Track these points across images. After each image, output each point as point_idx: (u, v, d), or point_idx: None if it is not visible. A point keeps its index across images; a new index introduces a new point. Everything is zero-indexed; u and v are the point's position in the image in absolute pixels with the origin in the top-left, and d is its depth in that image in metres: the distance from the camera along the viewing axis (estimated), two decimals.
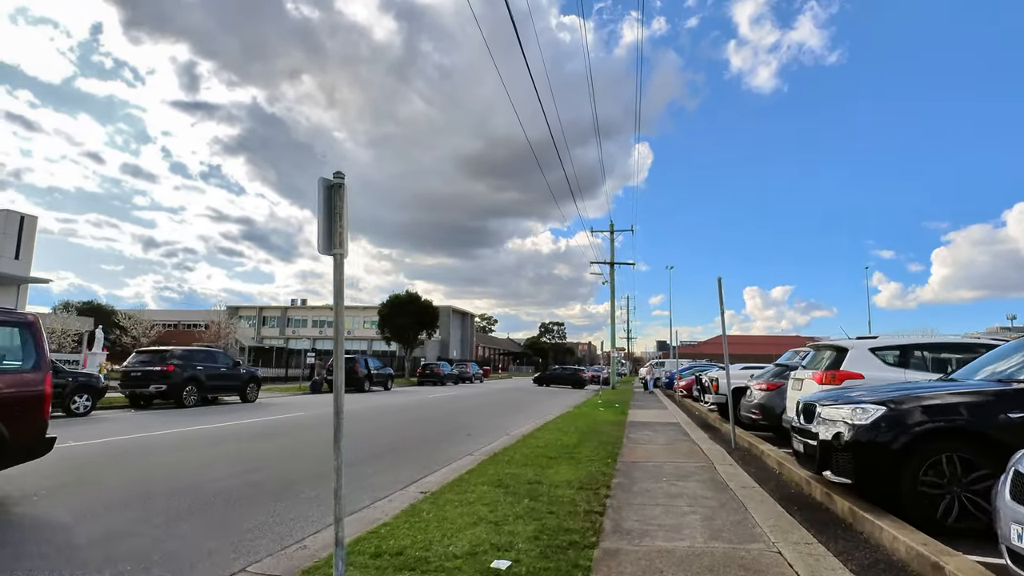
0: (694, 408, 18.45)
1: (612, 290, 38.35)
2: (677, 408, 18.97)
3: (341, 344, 3.40)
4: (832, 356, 7.31)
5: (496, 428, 13.28)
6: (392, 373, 31.95)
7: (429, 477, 7.28)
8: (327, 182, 3.38)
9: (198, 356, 17.95)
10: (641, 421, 13.90)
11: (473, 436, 11.80)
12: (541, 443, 9.58)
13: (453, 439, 11.22)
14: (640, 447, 9.17)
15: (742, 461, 7.85)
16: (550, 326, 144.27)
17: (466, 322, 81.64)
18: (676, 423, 13.56)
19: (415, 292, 42.64)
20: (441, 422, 14.46)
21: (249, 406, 17.93)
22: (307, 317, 77.98)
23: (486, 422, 14.70)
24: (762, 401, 9.71)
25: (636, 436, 10.69)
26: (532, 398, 26.40)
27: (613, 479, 6.53)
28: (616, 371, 40.17)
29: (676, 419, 14.67)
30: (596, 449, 8.80)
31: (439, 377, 38.63)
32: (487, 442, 10.68)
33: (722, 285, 9.15)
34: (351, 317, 74.14)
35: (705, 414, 15.23)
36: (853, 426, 4.58)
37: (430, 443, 10.53)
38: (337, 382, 3.34)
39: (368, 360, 29.27)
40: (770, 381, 9.78)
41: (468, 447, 10.05)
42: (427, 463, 8.44)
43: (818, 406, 5.07)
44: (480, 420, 15.19)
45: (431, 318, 42.69)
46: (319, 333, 75.81)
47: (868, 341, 7.15)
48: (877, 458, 4.40)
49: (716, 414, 13.56)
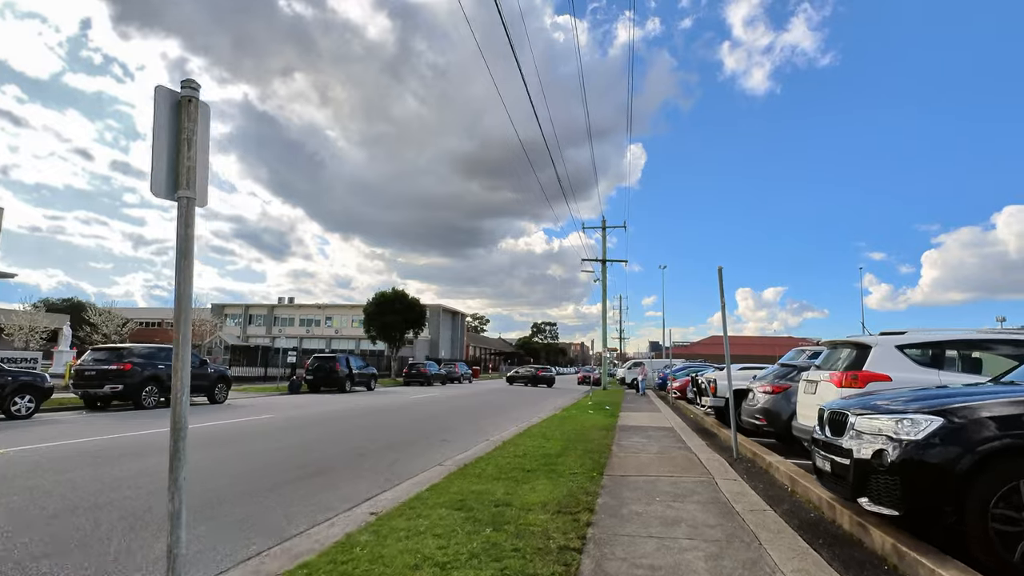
0: (688, 411, 17.48)
1: (604, 288, 37.36)
2: (671, 411, 17.99)
3: (186, 326, 2.34)
4: (852, 355, 6.33)
5: (477, 432, 12.25)
6: (375, 373, 30.83)
7: (386, 493, 6.24)
8: (171, 95, 2.32)
9: (161, 354, 16.78)
10: (632, 425, 12.90)
11: (450, 442, 10.77)
12: (520, 451, 8.56)
13: (427, 445, 10.19)
14: (631, 457, 8.16)
15: (747, 475, 6.85)
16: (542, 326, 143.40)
17: (456, 321, 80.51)
18: (670, 428, 12.57)
19: (402, 290, 41.55)
20: (418, 425, 13.41)
21: (216, 408, 16.80)
22: (294, 316, 76.61)
23: (467, 425, 13.67)
24: (767, 405, 8.72)
25: (627, 443, 9.68)
26: (520, 399, 25.38)
27: (598, 499, 5.51)
28: (608, 371, 39.21)
29: (670, 423, 13.67)
30: (581, 459, 7.79)
31: (425, 377, 37.52)
32: (463, 448, 9.67)
33: (722, 276, 8.16)
34: (338, 316, 72.89)
35: (701, 418, 14.25)
36: (900, 442, 3.58)
37: (400, 450, 9.49)
38: (177, 390, 2.27)
39: (350, 359, 28.14)
40: (775, 383, 8.79)
41: (442, 454, 9.03)
42: (390, 475, 7.42)
43: (850, 415, 4.07)
44: (461, 423, 14.15)
45: (418, 316, 41.56)
46: (306, 332, 74.53)
47: (894, 337, 6.17)
48: (933, 484, 3.41)
49: (713, 418, 12.58)
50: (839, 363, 6.50)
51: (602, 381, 37.02)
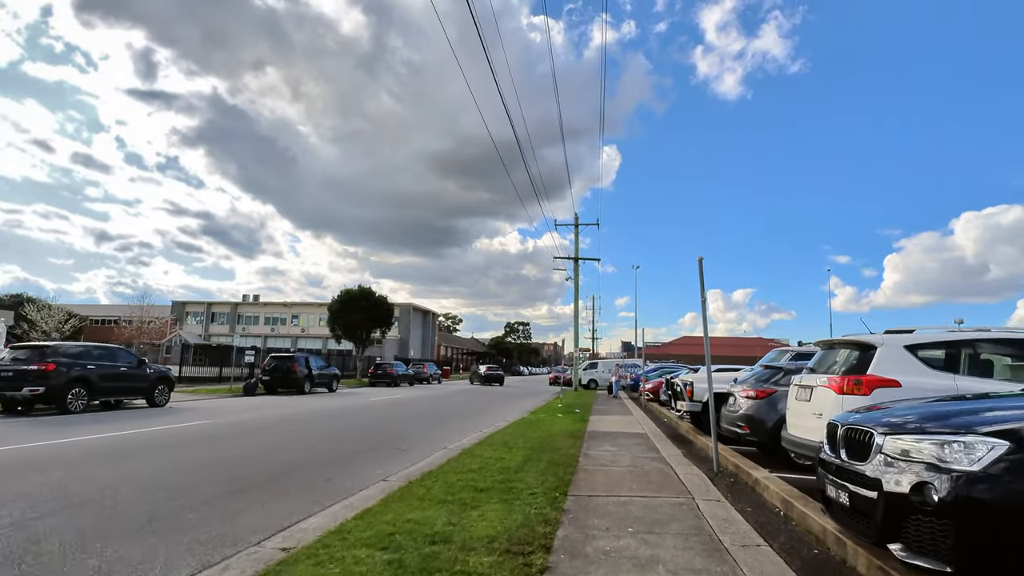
0: (662, 414, 16.71)
1: (576, 286, 36.61)
2: (643, 414, 17.21)
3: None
4: (853, 356, 5.52)
5: (435, 439, 11.23)
6: (338, 373, 29.51)
7: (310, 520, 5.20)
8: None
9: (92, 354, 15.33)
10: (603, 431, 12.02)
11: (403, 451, 9.74)
12: (477, 464, 7.58)
13: (375, 456, 9.13)
14: (599, 471, 7.23)
15: (731, 494, 5.97)
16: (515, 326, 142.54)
17: (428, 321, 79.08)
18: (643, 434, 11.72)
19: (369, 287, 40.07)
20: (373, 432, 12.31)
21: (152, 412, 15.42)
22: (259, 314, 74.27)
23: (427, 431, 12.62)
24: (750, 412, 7.90)
25: (596, 453, 8.77)
26: (487, 401, 24.39)
27: (558, 530, 4.56)
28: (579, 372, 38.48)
29: (643, 428, 12.84)
30: (543, 474, 6.84)
31: (392, 378, 36.25)
32: (416, 459, 8.65)
33: (703, 267, 7.30)
34: (306, 314, 70.84)
35: (675, 423, 13.46)
36: (951, 473, 2.71)
37: (343, 462, 8.42)
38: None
39: (309, 359, 26.79)
40: (759, 387, 7.98)
41: (389, 467, 8.01)
42: (322, 494, 6.37)
43: (876, 434, 3.19)
44: (421, 428, 13.10)
45: (385, 315, 40.17)
46: (271, 331, 72.36)
47: (902, 336, 5.36)
48: (1000, 533, 2.54)
49: (688, 423, 11.78)
50: (837, 366, 5.68)
51: (573, 382, 36.26)
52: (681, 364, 32.55)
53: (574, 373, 36.94)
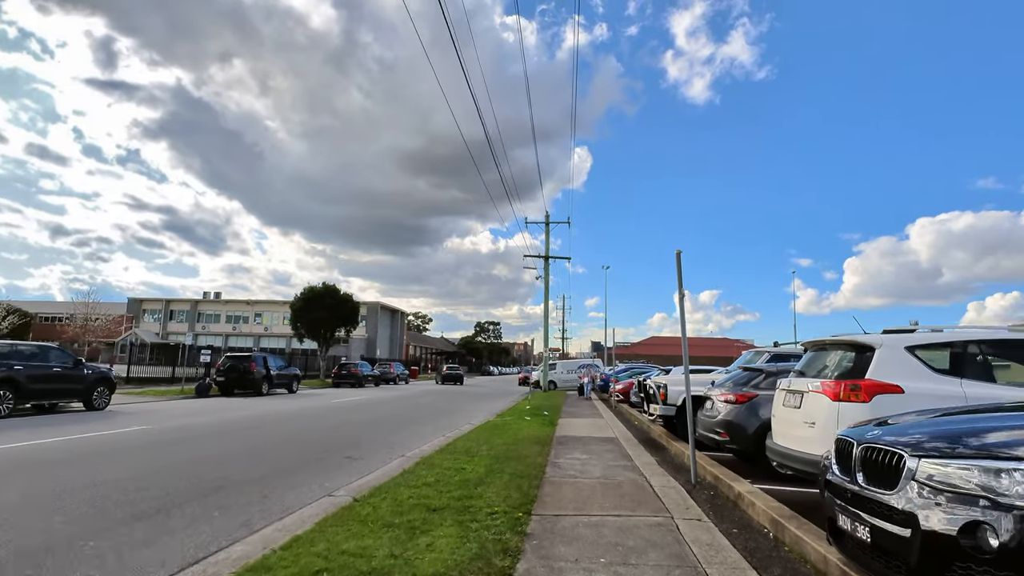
0: (632, 416, 16.21)
1: (546, 285, 36.04)
2: (614, 416, 16.69)
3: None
4: (848, 358, 4.99)
5: (394, 445, 10.46)
6: (298, 374, 28.35)
7: (230, 550, 4.44)
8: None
9: (21, 353, 14.08)
10: (572, 436, 11.41)
11: (356, 460, 8.96)
12: (433, 476, 6.86)
13: (325, 465, 8.35)
14: (568, 484, 6.59)
15: (713, 511, 5.39)
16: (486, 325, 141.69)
17: (396, 320, 77.71)
18: (614, 439, 11.15)
19: (333, 285, 38.82)
20: (327, 437, 11.47)
21: (90, 416, 14.25)
22: (220, 312, 71.87)
23: (386, 436, 11.83)
24: (730, 418, 7.36)
25: (564, 462, 8.14)
26: (454, 403, 23.62)
27: (519, 562, 3.88)
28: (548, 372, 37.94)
29: (613, 432, 12.27)
30: (506, 488, 6.16)
31: (357, 378, 35.14)
32: (369, 469, 7.91)
33: (680, 261, 6.73)
34: (269, 312, 68.82)
35: (647, 426, 12.94)
36: (1014, 510, 2.12)
37: (286, 474, 7.61)
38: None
39: (268, 358, 25.59)
40: (739, 391, 7.44)
41: (337, 479, 7.25)
42: (256, 514, 5.62)
43: (907, 456, 2.60)
44: (380, 433, 12.29)
45: (351, 313, 38.95)
46: (232, 329, 70.12)
47: (902, 336, 4.85)
48: None
49: (661, 427, 11.25)
50: (830, 369, 5.15)
51: (543, 382, 35.71)
52: (651, 364, 32.29)
53: (543, 373, 36.37)
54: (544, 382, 35.75)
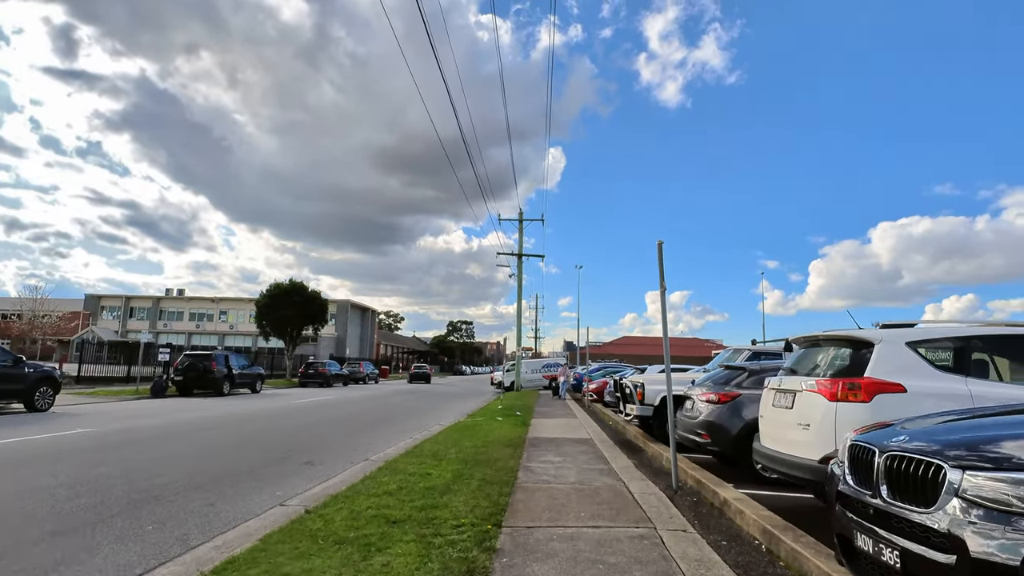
0: (606, 417, 15.87)
1: (519, 283, 35.61)
2: (587, 416, 16.32)
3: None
4: (844, 355, 4.64)
5: (357, 448, 9.89)
6: (262, 373, 27.37)
7: (157, 572, 3.86)
8: None
9: None
10: (545, 437, 10.97)
11: (315, 464, 8.37)
12: (397, 482, 6.34)
13: (281, 470, 7.75)
14: (541, 491, 6.13)
15: (698, 520, 4.99)
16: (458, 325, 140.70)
17: (367, 318, 76.43)
18: (588, 440, 10.74)
19: (301, 281, 37.72)
20: (287, 440, 10.82)
21: (30, 418, 13.30)
22: (183, 309, 69.66)
23: (349, 439, 11.23)
24: (711, 418, 6.99)
25: (537, 466, 7.68)
26: (425, 403, 23.02)
27: None
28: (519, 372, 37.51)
29: (588, 433, 11.88)
30: (474, 496, 5.67)
31: (325, 377, 34.21)
32: (328, 475, 7.36)
33: (662, 252, 6.33)
34: (235, 310, 66.93)
35: (622, 427, 12.58)
36: None
37: (237, 480, 7.00)
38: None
39: (229, 357, 24.61)
40: (722, 391, 7.08)
41: (292, 486, 6.69)
42: (197, 527, 5.06)
43: (948, 467, 2.20)
44: (343, 436, 11.67)
45: (319, 311, 37.90)
46: (196, 327, 68.05)
47: (902, 331, 4.51)
48: None
49: (637, 427, 10.89)
50: (824, 367, 4.79)
51: (516, 382, 35.26)
52: (624, 364, 32.13)
53: (511, 373, 35.94)
54: (517, 381, 35.32)
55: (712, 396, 7.04)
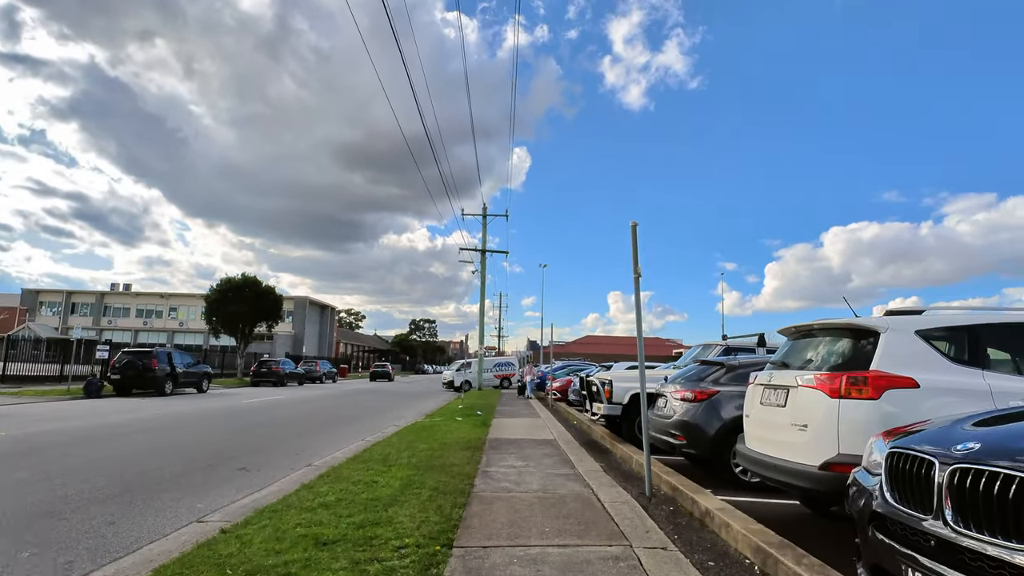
0: (570, 416, 15.31)
1: (482, 279, 34.88)
2: (551, 416, 15.74)
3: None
4: (845, 346, 4.11)
5: (301, 452, 9.04)
6: (209, 371, 25.91)
7: None
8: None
9: None
10: (507, 439, 10.30)
11: (250, 470, 7.53)
12: (336, 492, 5.57)
13: (210, 478, 6.90)
14: (501, 500, 5.45)
15: (678, 534, 4.39)
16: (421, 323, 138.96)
17: (326, 316, 74.43)
18: (552, 440, 10.13)
19: (254, 276, 36.04)
20: (226, 443, 9.87)
21: None
22: (130, 305, 66.43)
23: (295, 441, 10.34)
24: (687, 418, 6.43)
25: (497, 471, 7.01)
26: (382, 402, 22.09)
27: None
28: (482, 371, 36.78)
29: (552, 433, 11.26)
30: (424, 509, 4.96)
31: (278, 376, 32.77)
32: (262, 483, 6.56)
33: (636, 234, 5.74)
34: (185, 306, 64.15)
35: (587, 426, 12.02)
36: None
37: (154, 491, 6.11)
38: None
39: (173, 354, 23.15)
40: (697, 388, 6.54)
41: (218, 497, 5.88)
42: (83, 553, 4.25)
43: None
44: (289, 438, 10.76)
45: (273, 307, 36.30)
46: (144, 324, 65.02)
47: (911, 319, 4.00)
48: None
49: (604, 428, 10.33)
50: (821, 359, 4.26)
51: (478, 381, 34.52)
52: (588, 362, 31.79)
53: (478, 371, 35.17)
54: (478, 380, 34.58)
55: (687, 394, 6.48)
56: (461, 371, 35.31)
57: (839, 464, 3.60)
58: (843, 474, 3.64)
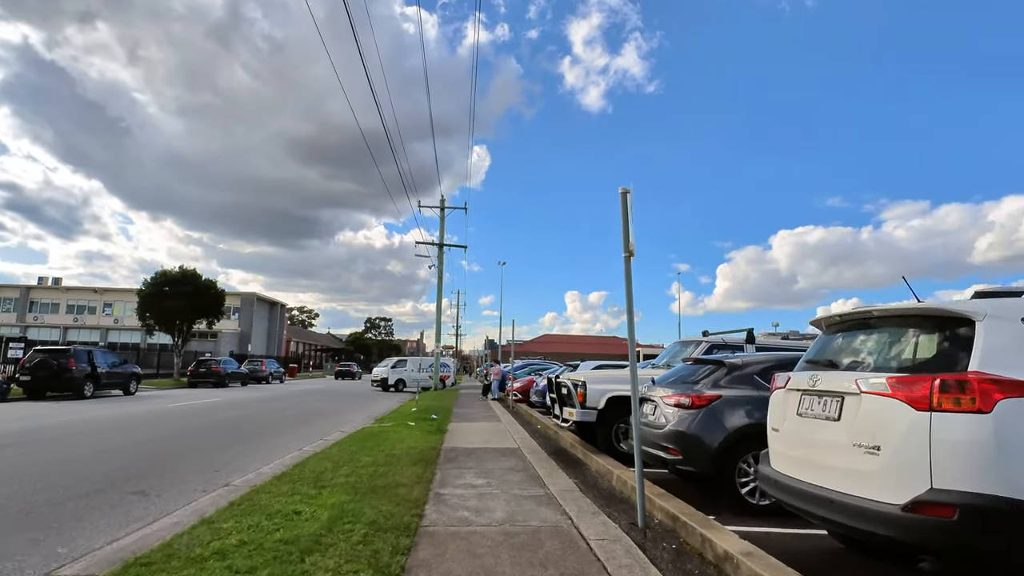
0: (533, 418, 14.20)
1: (440, 275, 33.47)
2: (512, 419, 14.59)
3: None
4: (925, 340, 3.09)
5: (222, 468, 7.66)
6: (137, 372, 23.71)
7: None
8: None
9: None
10: (464, 448, 9.10)
11: (148, 495, 6.14)
12: (240, 533, 4.26)
13: (92, 506, 5.49)
14: (456, 540, 4.25)
15: None
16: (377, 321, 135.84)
17: (275, 313, 71.34)
18: (516, 449, 8.98)
19: (193, 269, 33.55)
20: (129, 457, 8.36)
21: None
22: (59, 300, 61.91)
23: (216, 453, 8.89)
24: (682, 428, 5.36)
25: (452, 494, 5.80)
26: (330, 404, 20.50)
27: None
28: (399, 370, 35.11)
29: (515, 440, 10.12)
30: (353, 557, 3.72)
31: (218, 377, 30.53)
32: (158, 513, 5.22)
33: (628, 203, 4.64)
34: (122, 301, 60.12)
35: (554, 432, 10.92)
36: None
37: (11, 527, 4.67)
38: None
39: (94, 353, 20.95)
40: (695, 392, 5.48)
41: (95, 534, 4.57)
42: None
43: None
44: (209, 450, 9.28)
45: (214, 302, 33.86)
46: (74, 321, 60.70)
47: (1013, 302, 3.00)
48: None
49: (573, 435, 9.23)
50: (887, 356, 3.24)
51: (434, 381, 33.09)
52: (549, 361, 30.78)
53: (435, 371, 33.73)
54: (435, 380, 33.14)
55: (683, 399, 5.42)
56: (397, 369, 31.99)
57: (932, 505, 2.57)
58: (940, 519, 2.60)
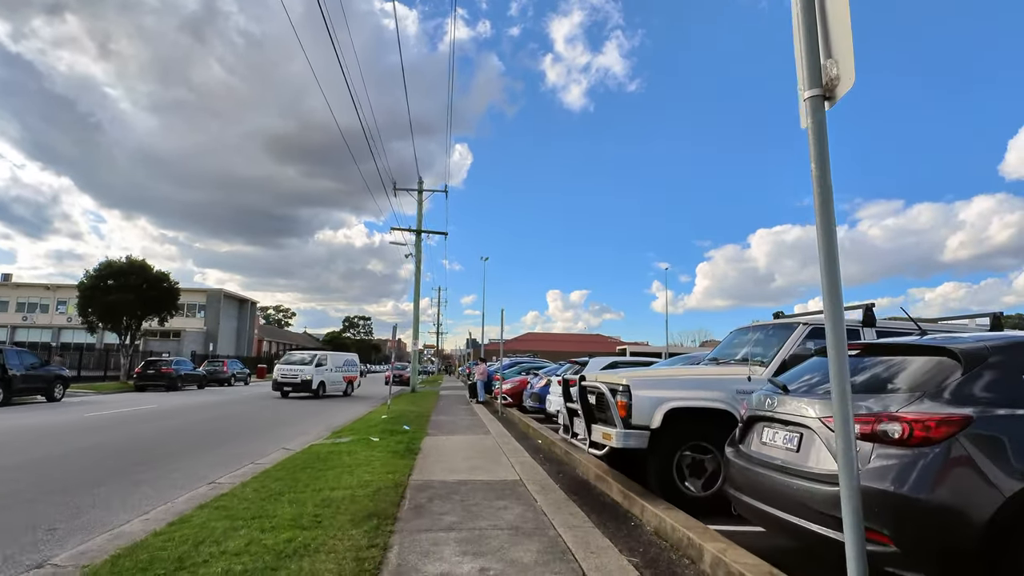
0: (530, 429, 11.49)
1: (418, 264, 30.61)
2: (503, 429, 11.84)
3: None
4: None
5: (61, 525, 4.85)
6: (63, 375, 20.46)
7: None
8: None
9: None
10: (441, 483, 6.35)
11: None
12: None
13: None
14: None
15: None
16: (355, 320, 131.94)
17: (245, 311, 67.62)
18: (516, 483, 6.28)
19: (142, 260, 30.15)
20: None
21: None
22: (8, 298, 57.57)
23: (77, 494, 6.08)
24: (895, 487, 2.57)
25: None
26: (285, 411, 17.56)
27: None
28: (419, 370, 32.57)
29: (513, 468, 7.41)
30: None
31: (170, 379, 27.20)
32: None
33: None
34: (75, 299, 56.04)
35: (562, 451, 8.22)
36: None
37: None
38: None
39: (7, 354, 17.74)
40: (913, 413, 2.71)
41: None
42: None
43: None
44: (70, 488, 6.44)
45: (166, 296, 30.47)
46: (24, 319, 56.51)
47: None
48: None
49: (599, 460, 6.51)
50: None
51: (412, 382, 30.26)
52: (538, 359, 28.10)
53: (413, 371, 30.90)
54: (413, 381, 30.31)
55: (890, 426, 2.67)
56: (322, 368, 24.31)
57: None
58: None
